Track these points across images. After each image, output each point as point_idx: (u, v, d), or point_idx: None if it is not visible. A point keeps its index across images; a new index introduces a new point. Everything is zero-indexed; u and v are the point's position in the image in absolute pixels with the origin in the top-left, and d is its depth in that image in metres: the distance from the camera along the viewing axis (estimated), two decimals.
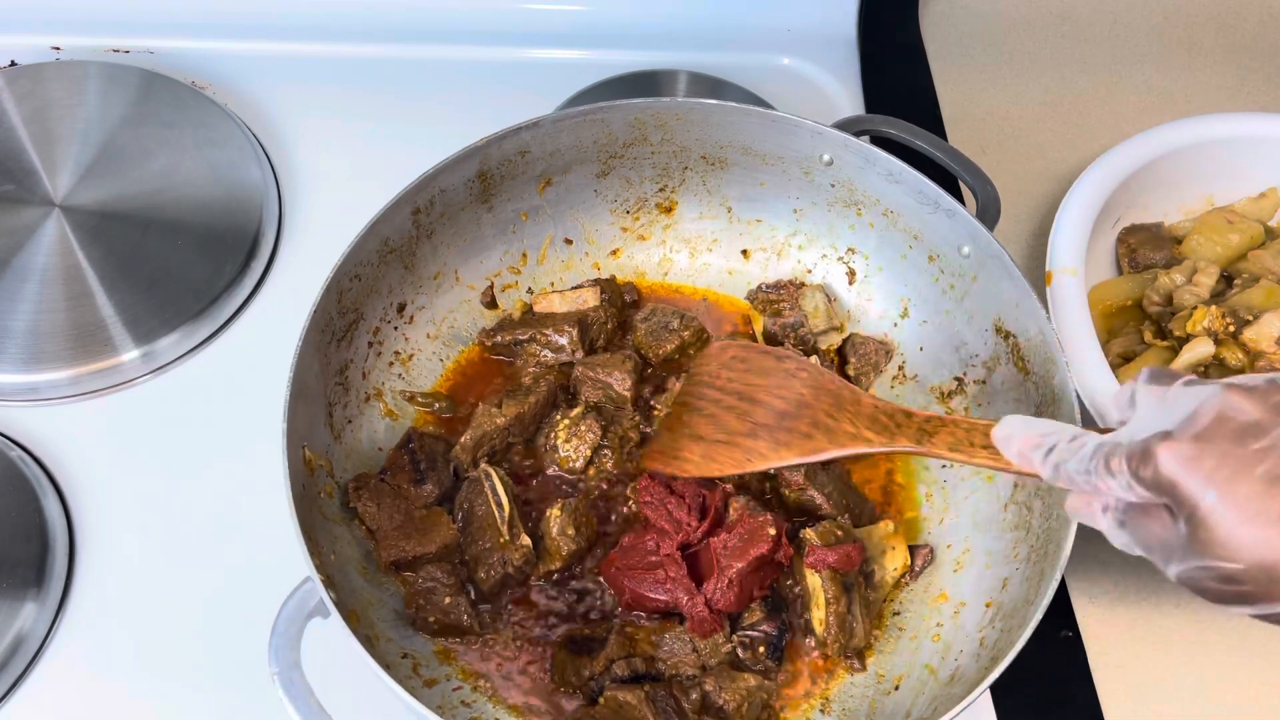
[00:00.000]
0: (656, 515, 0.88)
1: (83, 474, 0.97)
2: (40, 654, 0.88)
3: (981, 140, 1.26)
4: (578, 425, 0.93)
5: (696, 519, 0.88)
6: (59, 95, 1.17)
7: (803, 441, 0.81)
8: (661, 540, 0.87)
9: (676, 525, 0.87)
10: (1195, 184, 1.12)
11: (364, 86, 1.24)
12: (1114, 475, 0.59)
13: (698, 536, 0.87)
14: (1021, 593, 0.82)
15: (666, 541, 0.87)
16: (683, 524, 0.87)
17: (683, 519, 0.87)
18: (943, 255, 0.97)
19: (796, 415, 0.83)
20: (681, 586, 0.85)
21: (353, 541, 0.88)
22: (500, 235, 1.02)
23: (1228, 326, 0.96)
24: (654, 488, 0.89)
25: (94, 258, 1.06)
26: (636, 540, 0.88)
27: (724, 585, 0.84)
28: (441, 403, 0.97)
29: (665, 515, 0.88)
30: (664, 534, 0.87)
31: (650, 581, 0.86)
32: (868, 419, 0.79)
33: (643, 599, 0.86)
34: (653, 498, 0.89)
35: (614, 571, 0.87)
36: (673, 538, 0.87)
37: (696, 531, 0.87)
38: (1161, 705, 0.92)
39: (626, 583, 0.86)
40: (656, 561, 0.86)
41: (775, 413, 0.84)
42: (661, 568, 0.86)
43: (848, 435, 0.80)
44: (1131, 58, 1.35)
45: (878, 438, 0.78)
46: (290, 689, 0.73)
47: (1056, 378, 0.85)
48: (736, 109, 0.98)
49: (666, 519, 0.87)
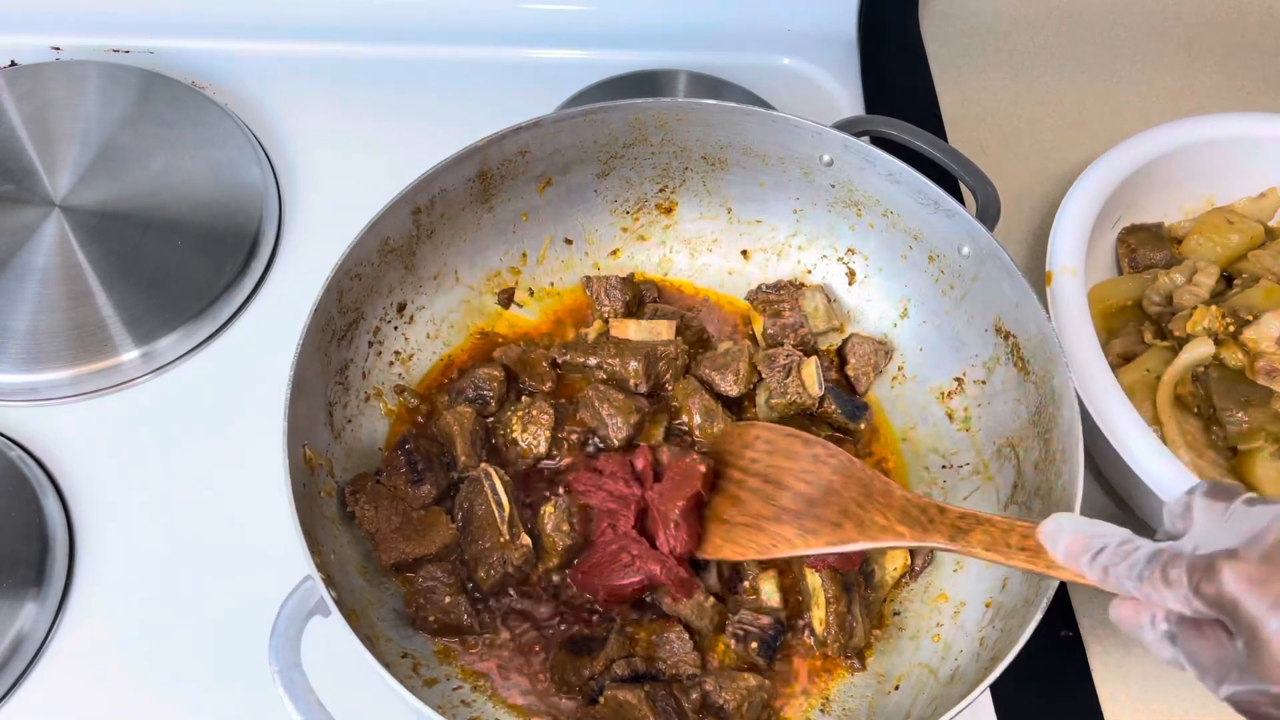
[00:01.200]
0: (599, 500, 0.88)
1: (83, 474, 0.97)
2: (40, 654, 0.88)
3: (981, 140, 1.26)
4: (529, 411, 0.93)
5: (636, 485, 0.87)
6: (59, 95, 1.17)
7: (831, 530, 0.80)
8: (615, 521, 0.87)
9: (621, 500, 0.87)
10: (1195, 184, 1.12)
11: (364, 86, 1.24)
12: (1171, 586, 0.58)
13: (646, 496, 0.87)
14: (1021, 593, 0.82)
15: (621, 520, 0.86)
16: (625, 495, 0.87)
17: (622, 491, 0.87)
18: (943, 255, 0.97)
19: (824, 502, 0.81)
20: (650, 558, 0.84)
21: (353, 541, 0.88)
22: (500, 235, 1.02)
23: (1228, 326, 0.96)
24: (584, 477, 0.89)
25: (94, 258, 1.06)
26: (595, 536, 0.88)
27: (672, 530, 0.84)
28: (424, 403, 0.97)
29: (606, 497, 0.88)
30: (614, 514, 0.87)
31: (619, 569, 0.85)
32: (899, 511, 0.78)
33: (618, 589, 0.86)
34: (586, 485, 0.89)
35: (582, 576, 0.87)
36: (625, 513, 0.86)
37: (643, 493, 0.87)
38: (1161, 705, 0.92)
39: (597, 581, 0.86)
40: (618, 548, 0.86)
41: (802, 498, 0.82)
42: (624, 550, 0.85)
43: (878, 527, 0.78)
44: (1131, 58, 1.35)
45: (910, 531, 0.76)
46: (290, 687, 0.73)
47: (1056, 378, 0.85)
48: (736, 109, 0.98)
49: (609, 500, 0.87)
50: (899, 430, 0.99)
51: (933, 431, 0.98)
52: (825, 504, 0.81)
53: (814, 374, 0.96)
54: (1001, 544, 0.71)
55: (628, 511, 0.86)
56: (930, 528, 0.75)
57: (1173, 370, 0.97)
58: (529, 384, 0.98)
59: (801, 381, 0.96)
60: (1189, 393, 0.97)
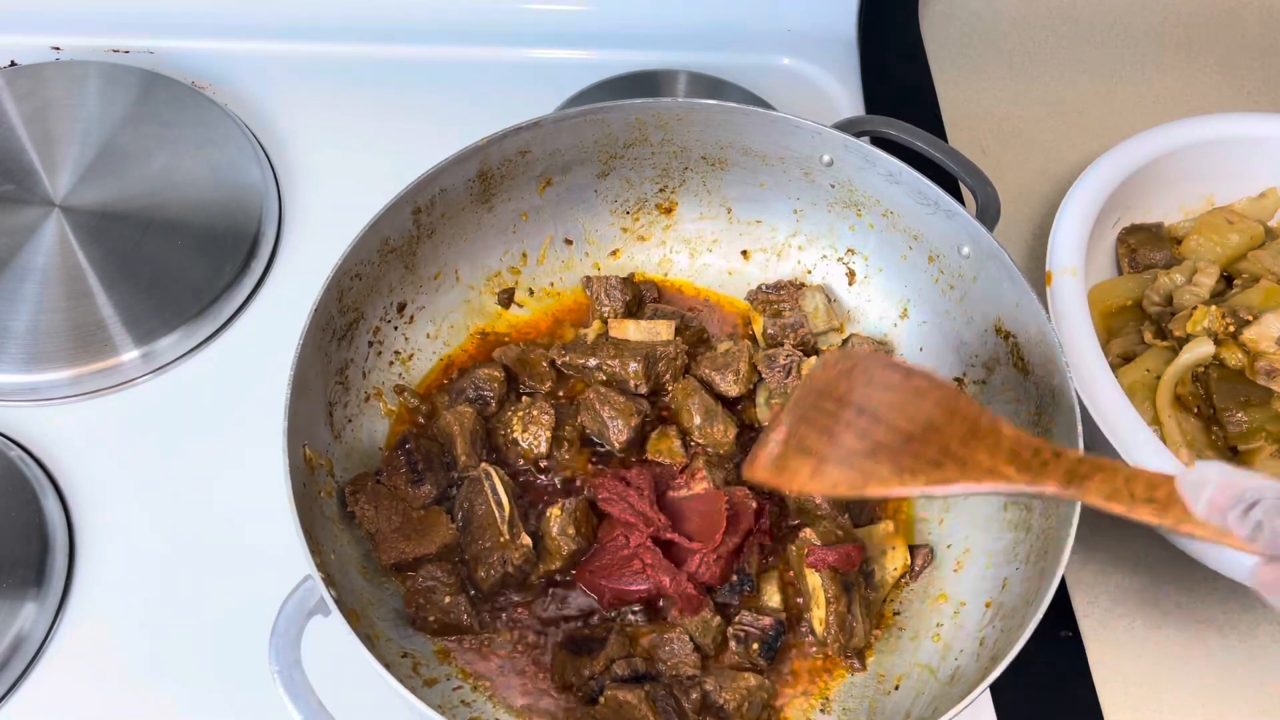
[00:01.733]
0: (620, 510, 0.88)
1: (83, 474, 0.97)
2: (40, 654, 0.88)
3: (981, 140, 1.26)
4: (529, 411, 0.93)
5: (658, 510, 0.87)
6: (59, 95, 1.17)
7: (930, 469, 0.72)
8: (629, 534, 0.87)
9: (642, 518, 0.87)
10: (1195, 184, 1.12)
11: (364, 86, 1.24)
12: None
13: (666, 530, 0.86)
14: (1021, 593, 0.82)
15: (636, 534, 0.86)
16: (647, 516, 0.87)
17: (646, 511, 0.87)
18: (942, 255, 0.97)
19: (924, 440, 0.74)
20: (662, 569, 0.85)
21: (353, 540, 0.88)
22: (500, 235, 1.02)
23: (1228, 326, 0.96)
24: (609, 483, 0.89)
25: (94, 258, 1.06)
26: (605, 538, 0.88)
27: (710, 560, 0.84)
28: (425, 404, 0.97)
29: (627, 509, 0.87)
30: (630, 527, 0.87)
31: (628, 574, 0.85)
32: (1008, 451, 0.71)
33: (623, 593, 0.86)
34: (610, 493, 0.88)
35: (589, 575, 0.87)
36: (641, 530, 0.86)
37: (665, 529, 0.86)
38: (1161, 705, 0.92)
39: (604, 582, 0.86)
40: (630, 554, 0.86)
41: (899, 433, 0.75)
42: (636, 558, 0.85)
43: (984, 469, 0.71)
44: (1131, 58, 1.35)
45: (1019, 474, 0.69)
46: (291, 687, 0.73)
47: (1056, 378, 0.85)
48: (736, 109, 0.98)
49: (629, 512, 0.87)
50: None
51: None
52: (925, 440, 0.74)
53: None
54: (1125, 493, 0.65)
55: (644, 531, 0.86)
56: (1043, 471, 0.69)
57: (1173, 370, 0.97)
58: (529, 384, 0.98)
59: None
60: (1189, 393, 0.97)
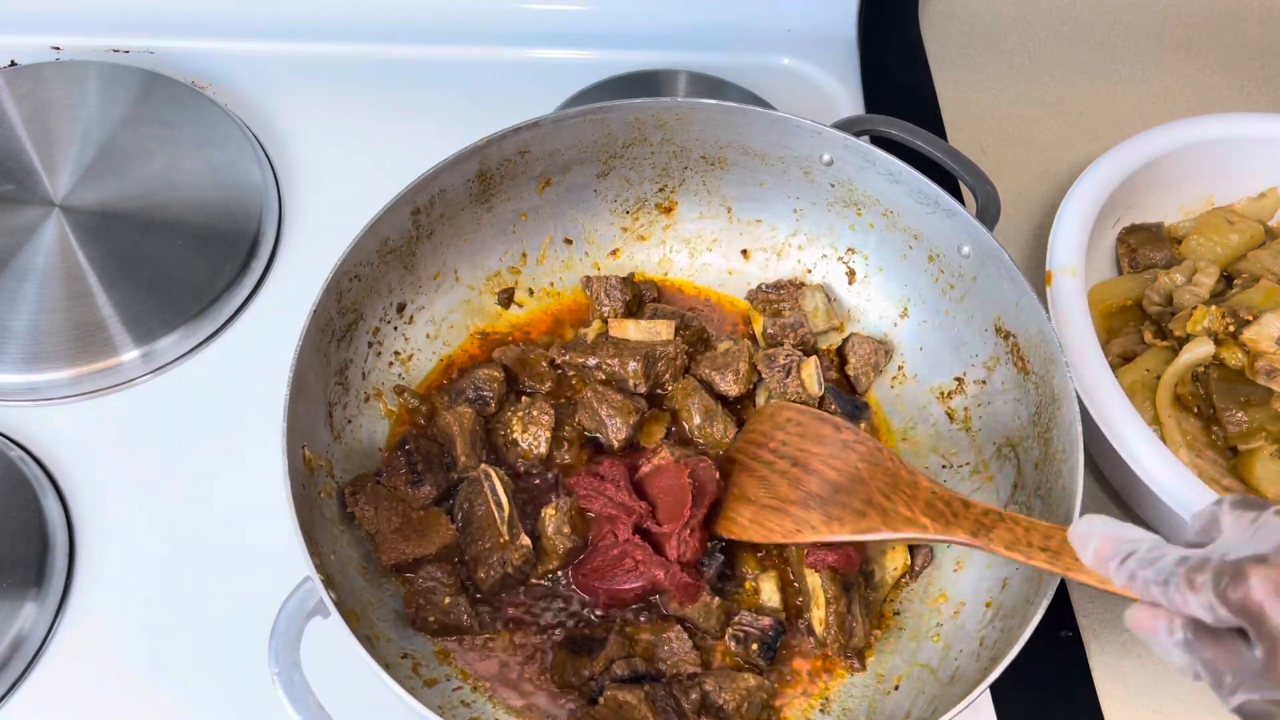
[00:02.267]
0: (600, 506, 0.88)
1: (83, 474, 0.97)
2: (40, 654, 0.88)
3: (981, 140, 1.26)
4: (529, 411, 0.93)
5: (637, 497, 0.87)
6: (59, 95, 1.17)
7: (856, 519, 0.80)
8: (616, 527, 0.87)
9: (623, 508, 0.87)
10: (1195, 184, 1.12)
11: (364, 86, 1.24)
12: (1195, 592, 0.58)
13: (648, 516, 0.87)
14: (1021, 593, 0.82)
15: (621, 527, 0.86)
16: (627, 504, 0.87)
17: (625, 500, 0.87)
18: (942, 255, 0.97)
19: (850, 490, 0.81)
20: (654, 564, 0.85)
21: (353, 541, 0.88)
22: (500, 235, 1.02)
23: (1228, 326, 0.96)
24: (584, 480, 0.89)
25: (94, 258, 1.06)
26: (595, 539, 0.88)
27: (685, 536, 0.84)
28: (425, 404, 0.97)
29: (607, 502, 0.88)
30: (614, 520, 0.87)
31: (620, 574, 0.85)
32: (924, 504, 0.78)
33: (619, 594, 0.86)
34: (587, 489, 0.88)
35: (582, 578, 0.87)
36: (624, 520, 0.86)
37: (647, 515, 0.86)
38: (1161, 705, 0.92)
39: (598, 584, 0.86)
40: (620, 553, 0.86)
41: (828, 484, 0.83)
42: (627, 556, 0.85)
43: (903, 519, 0.78)
44: (1131, 58, 1.35)
45: (933, 524, 0.76)
46: (290, 689, 0.73)
47: (1056, 378, 0.85)
48: (736, 109, 0.98)
49: (609, 505, 0.87)
50: (899, 430, 0.99)
51: (933, 431, 0.98)
52: (851, 491, 0.81)
53: (814, 374, 0.96)
54: (1023, 543, 0.71)
55: (627, 520, 0.86)
56: (954, 522, 0.76)
57: (1173, 370, 0.97)
58: (529, 384, 0.98)
59: (801, 381, 0.96)
60: (1189, 393, 0.97)
